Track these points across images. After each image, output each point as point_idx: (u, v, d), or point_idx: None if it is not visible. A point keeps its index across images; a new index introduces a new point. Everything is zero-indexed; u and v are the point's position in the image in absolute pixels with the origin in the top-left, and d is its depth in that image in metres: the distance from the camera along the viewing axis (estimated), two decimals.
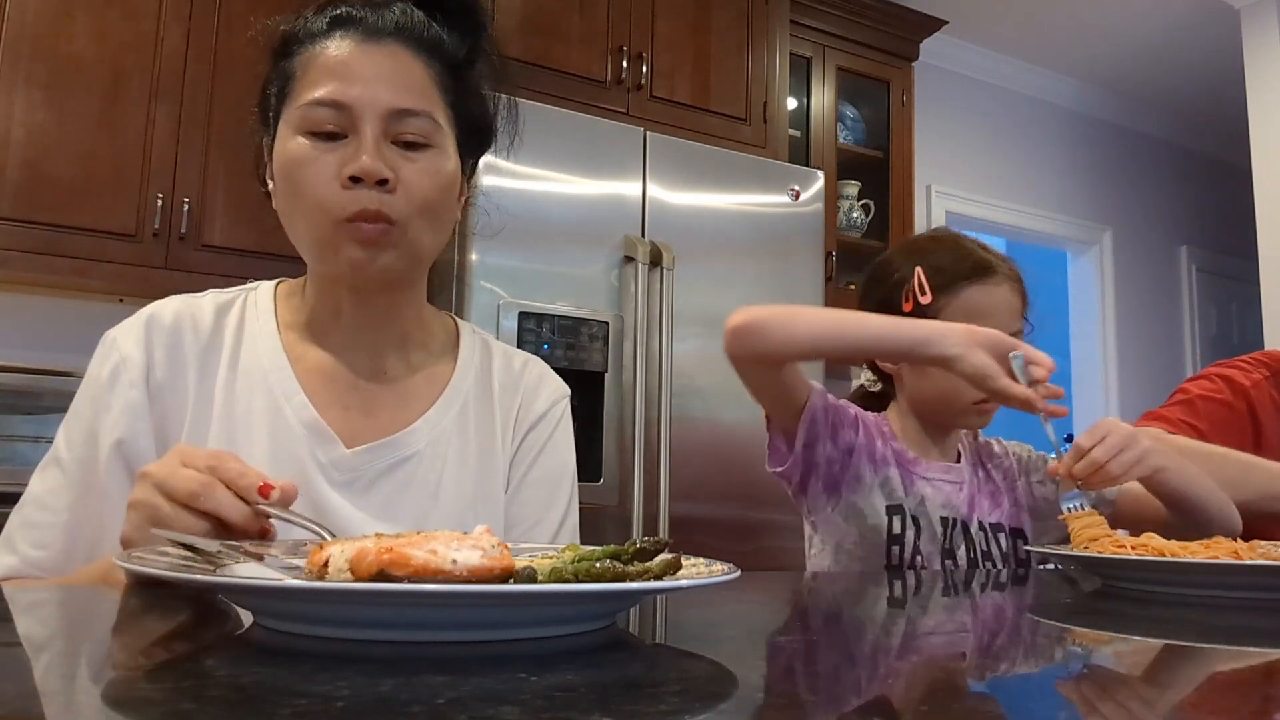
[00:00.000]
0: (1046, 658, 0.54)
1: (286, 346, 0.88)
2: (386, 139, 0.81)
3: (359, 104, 0.80)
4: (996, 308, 1.22)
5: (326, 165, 0.80)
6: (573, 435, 1.01)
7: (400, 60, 0.83)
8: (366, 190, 0.79)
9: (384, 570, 0.43)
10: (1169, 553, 0.82)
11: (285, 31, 0.87)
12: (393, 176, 0.80)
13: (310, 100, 0.81)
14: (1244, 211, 3.70)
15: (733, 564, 0.54)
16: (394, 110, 0.81)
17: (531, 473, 0.95)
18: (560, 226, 2.38)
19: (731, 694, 0.38)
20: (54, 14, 2.32)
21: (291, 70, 0.84)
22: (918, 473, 1.25)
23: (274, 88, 0.86)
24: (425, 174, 0.82)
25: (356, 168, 0.78)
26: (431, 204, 0.83)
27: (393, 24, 0.84)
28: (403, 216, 0.81)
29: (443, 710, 0.32)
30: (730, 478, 2.51)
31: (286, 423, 0.84)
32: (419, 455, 0.87)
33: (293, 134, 0.81)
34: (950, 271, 1.26)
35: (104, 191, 2.32)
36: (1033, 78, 4.53)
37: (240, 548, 0.59)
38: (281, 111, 0.84)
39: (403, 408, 0.89)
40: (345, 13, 0.85)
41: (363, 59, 0.82)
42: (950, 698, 0.42)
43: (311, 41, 0.84)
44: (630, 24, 2.85)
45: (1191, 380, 1.62)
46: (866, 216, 3.60)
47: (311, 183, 0.80)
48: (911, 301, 1.26)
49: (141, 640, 0.51)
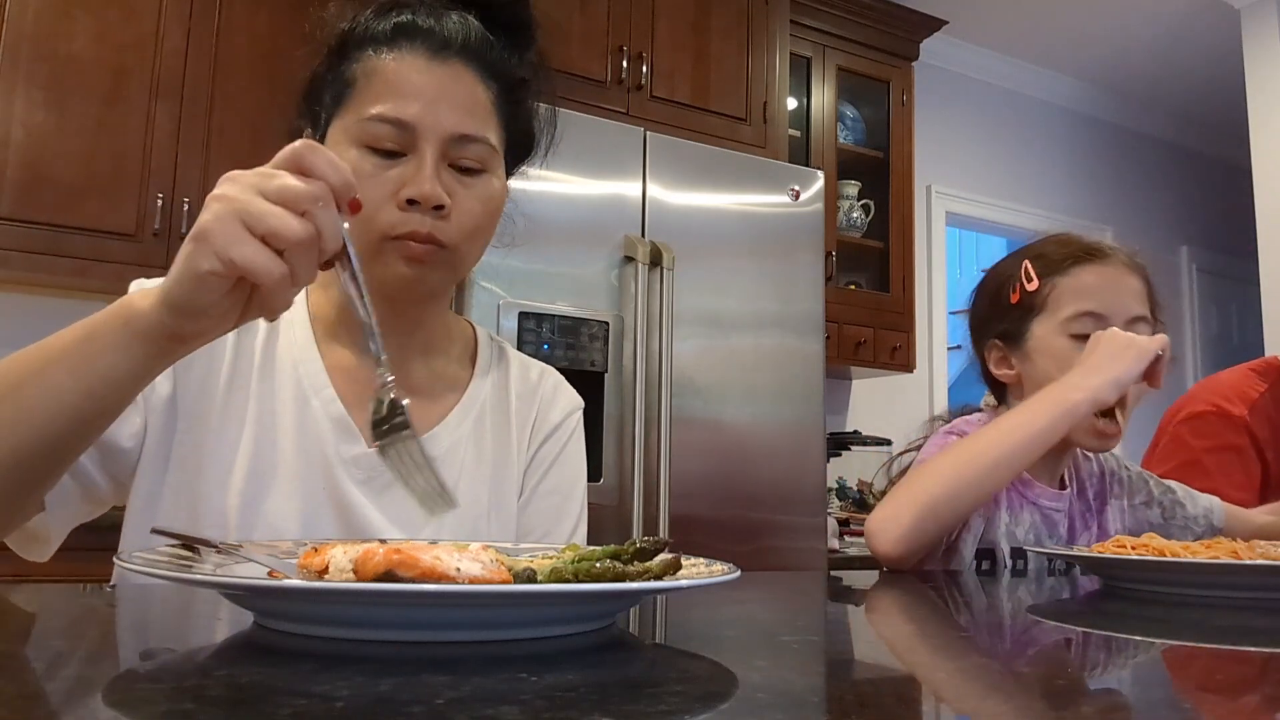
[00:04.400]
0: (1045, 658, 0.54)
1: (318, 339, 0.88)
2: (444, 162, 0.82)
3: (422, 125, 0.80)
4: (1107, 286, 1.16)
5: (384, 184, 0.80)
6: (584, 447, 1.02)
7: (464, 82, 0.84)
8: (420, 215, 0.79)
9: (391, 571, 0.43)
10: (1169, 553, 0.82)
11: (345, 30, 0.86)
12: (449, 203, 0.80)
13: (373, 115, 0.80)
14: (1244, 211, 3.70)
15: (733, 564, 0.54)
16: (456, 135, 0.82)
17: (544, 483, 0.96)
18: (560, 226, 2.38)
19: (731, 694, 0.38)
20: (54, 14, 2.31)
21: (351, 76, 0.83)
22: (1029, 497, 1.18)
23: (330, 90, 0.85)
24: (478, 200, 0.84)
25: (416, 192, 0.79)
26: (481, 230, 0.85)
27: (457, 39, 0.84)
28: (453, 242, 0.82)
29: (443, 710, 0.32)
30: (730, 478, 2.51)
31: (314, 415, 0.84)
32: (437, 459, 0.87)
33: (350, 145, 0.81)
34: (1057, 256, 1.20)
35: (104, 191, 2.32)
36: (1033, 78, 4.53)
37: (241, 548, 0.59)
38: (335, 117, 0.84)
39: (422, 413, 0.89)
40: (410, 21, 0.84)
41: (427, 77, 0.82)
42: (949, 697, 0.42)
43: (374, 48, 0.84)
44: (630, 24, 2.85)
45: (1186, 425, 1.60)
46: (866, 216, 3.60)
47: (367, 198, 0.78)
48: (1018, 291, 1.21)
49: (141, 640, 0.51)
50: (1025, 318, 1.20)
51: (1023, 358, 1.21)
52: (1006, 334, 1.23)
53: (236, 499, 0.80)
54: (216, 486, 0.80)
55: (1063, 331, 1.16)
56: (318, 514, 0.82)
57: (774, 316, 2.65)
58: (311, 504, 0.82)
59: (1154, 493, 1.29)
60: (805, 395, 2.66)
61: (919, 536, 0.98)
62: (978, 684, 0.45)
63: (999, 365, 1.25)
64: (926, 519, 0.98)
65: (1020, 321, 1.21)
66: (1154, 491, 1.30)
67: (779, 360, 2.64)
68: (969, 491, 1.01)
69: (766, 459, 2.56)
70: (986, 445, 1.02)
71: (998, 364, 1.25)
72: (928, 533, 0.99)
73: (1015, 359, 1.22)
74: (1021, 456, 1.02)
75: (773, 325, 2.65)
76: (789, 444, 2.60)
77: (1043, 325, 1.18)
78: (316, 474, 0.83)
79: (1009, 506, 1.16)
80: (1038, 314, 1.19)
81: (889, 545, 0.98)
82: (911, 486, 1.02)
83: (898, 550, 0.98)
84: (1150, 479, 1.31)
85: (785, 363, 2.65)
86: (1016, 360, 1.22)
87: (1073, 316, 1.15)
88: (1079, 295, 1.15)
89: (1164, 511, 1.28)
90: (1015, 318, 1.21)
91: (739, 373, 2.57)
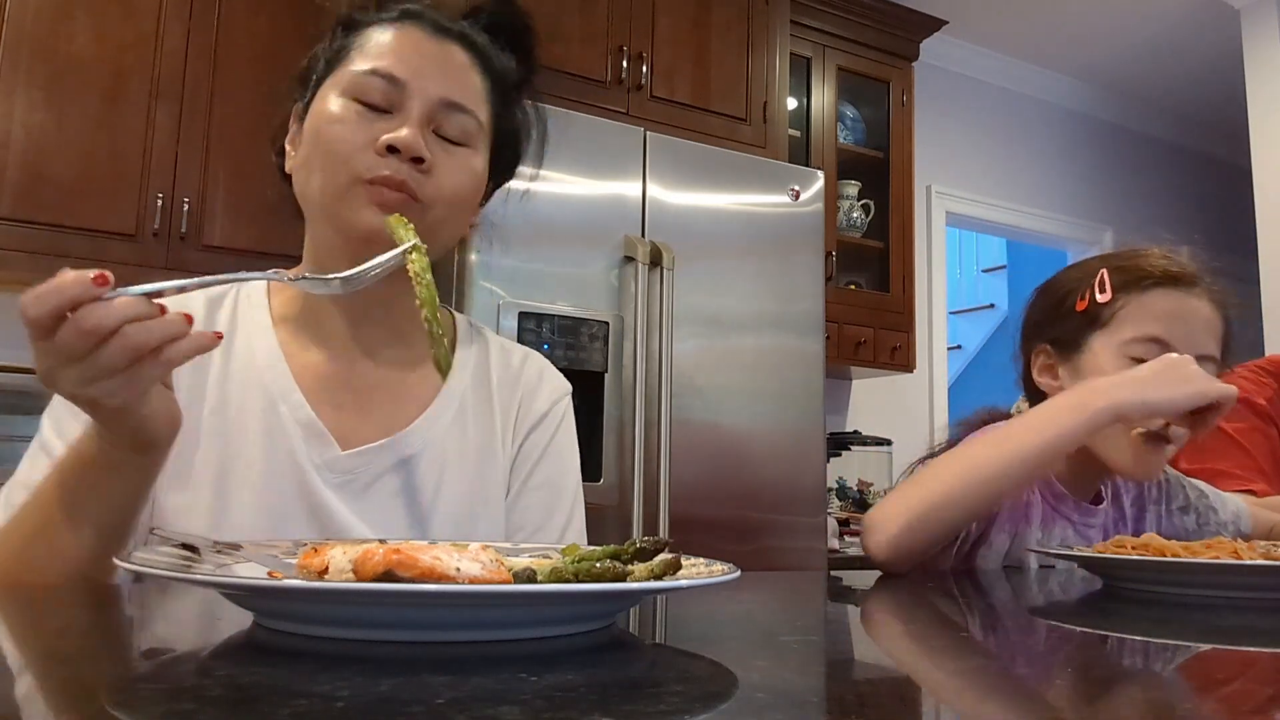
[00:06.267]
0: (1045, 658, 0.54)
1: (281, 343, 0.86)
2: (429, 126, 0.81)
3: (413, 82, 0.80)
4: (1182, 317, 1.06)
5: (364, 130, 0.79)
6: (575, 434, 0.98)
7: (459, 61, 0.85)
8: (399, 162, 0.78)
9: (390, 571, 0.43)
10: (1169, 553, 0.82)
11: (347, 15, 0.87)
12: (429, 158, 0.79)
13: (364, 70, 0.81)
14: (1244, 211, 3.70)
15: (733, 564, 0.54)
16: (445, 101, 0.82)
17: (534, 477, 0.93)
18: (560, 226, 2.38)
19: (731, 694, 0.38)
20: (54, 14, 2.31)
21: (350, 44, 0.84)
22: (1062, 512, 1.13)
23: (324, 59, 0.86)
24: (460, 168, 0.83)
25: (396, 139, 0.77)
26: (460, 197, 0.83)
27: (459, 27, 0.86)
28: (428, 198, 0.80)
29: (443, 710, 0.32)
30: (730, 478, 2.51)
31: (282, 422, 0.82)
32: (416, 457, 0.85)
33: (337, 95, 0.81)
34: (1139, 272, 1.10)
35: (104, 191, 2.32)
36: (1033, 78, 4.53)
37: (241, 548, 0.59)
38: (326, 79, 0.84)
39: (399, 406, 0.87)
40: (415, 8, 0.86)
41: (425, 46, 0.83)
42: (949, 697, 0.42)
43: (379, 24, 0.85)
44: (630, 24, 2.85)
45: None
46: (866, 216, 3.60)
47: (343, 140, 0.79)
48: (1087, 300, 1.11)
49: (141, 640, 0.51)
50: (1086, 329, 1.11)
51: (1072, 370, 1.13)
52: (1060, 341, 1.14)
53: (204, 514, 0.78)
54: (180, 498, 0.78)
55: (1122, 353, 1.07)
56: (289, 522, 0.79)
57: (774, 317, 2.65)
58: (282, 512, 0.79)
59: (1190, 497, 1.24)
60: (805, 395, 2.66)
61: (909, 544, 0.94)
62: (978, 684, 0.45)
63: (1043, 373, 1.16)
64: (916, 527, 0.93)
65: (1080, 331, 1.12)
66: (1190, 496, 1.24)
67: (779, 360, 2.64)
68: (965, 500, 0.94)
69: (766, 459, 2.56)
70: (991, 453, 0.94)
71: (1042, 371, 1.16)
72: (918, 541, 0.94)
73: (1063, 370, 1.14)
74: (1028, 466, 0.93)
75: (773, 325, 2.64)
76: (789, 444, 2.60)
77: (1102, 341, 1.09)
78: (287, 481, 0.80)
79: (1043, 522, 1.11)
80: (1100, 328, 1.10)
81: (878, 549, 0.95)
82: (908, 490, 0.97)
83: (886, 555, 0.95)
84: (1185, 483, 1.26)
85: (785, 363, 2.65)
86: (1064, 372, 1.14)
87: (1136, 339, 1.06)
88: (1149, 319, 1.06)
89: (1199, 517, 1.23)
90: (1075, 326, 1.12)
91: (739, 373, 2.57)
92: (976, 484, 0.93)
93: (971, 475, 0.94)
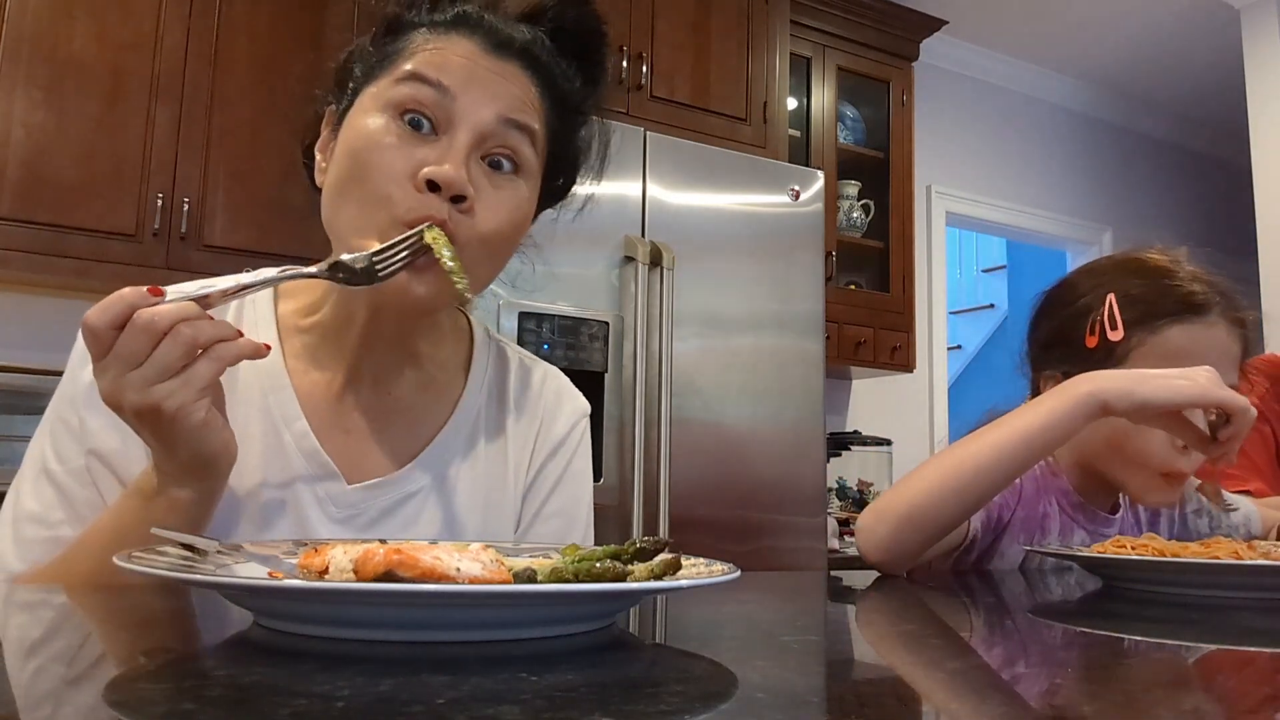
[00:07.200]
0: (1045, 658, 0.54)
1: (287, 359, 0.80)
2: (477, 153, 0.73)
3: (462, 98, 0.72)
4: (1200, 353, 1.00)
5: (404, 157, 0.71)
6: (590, 453, 0.93)
7: (518, 81, 0.76)
8: (440, 200, 0.70)
9: (391, 571, 0.43)
10: (1169, 553, 0.82)
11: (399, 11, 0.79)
12: (472, 195, 0.71)
13: (409, 72, 0.73)
14: (1244, 211, 3.70)
15: (733, 564, 0.54)
16: (499, 119, 0.74)
17: (548, 506, 0.88)
18: (560, 226, 2.38)
19: (731, 694, 0.38)
20: (54, 14, 2.32)
21: (396, 49, 0.76)
22: (1079, 520, 1.11)
23: (368, 60, 0.78)
24: (504, 204, 0.75)
25: (438, 174, 0.69)
26: (500, 238, 0.75)
27: (519, 42, 0.77)
28: (464, 239, 0.71)
29: (443, 710, 0.32)
30: (730, 478, 2.51)
31: (284, 449, 0.77)
32: (423, 492, 0.81)
33: (379, 110, 0.73)
34: (1150, 304, 1.04)
35: (104, 191, 2.32)
36: (1033, 78, 4.53)
37: (241, 548, 0.59)
38: (367, 86, 0.75)
39: (409, 432, 0.82)
40: (474, 14, 0.77)
41: (481, 61, 0.74)
42: (949, 697, 0.42)
43: (429, 30, 0.76)
44: (630, 24, 2.85)
45: None
46: (866, 216, 3.60)
47: (382, 170, 0.70)
48: (1098, 335, 1.06)
49: (141, 640, 0.51)
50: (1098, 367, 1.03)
51: None
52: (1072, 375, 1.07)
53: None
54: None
55: None
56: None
57: (774, 316, 2.65)
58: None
59: (1203, 500, 1.22)
60: (805, 395, 2.66)
61: (899, 544, 0.92)
62: (978, 684, 0.45)
63: None
64: (905, 527, 0.91)
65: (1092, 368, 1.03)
66: (1203, 499, 1.23)
67: (779, 360, 2.64)
68: (953, 499, 0.91)
69: (766, 459, 2.56)
70: (974, 447, 0.92)
71: None
72: (909, 541, 0.92)
73: None
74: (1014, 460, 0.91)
75: (772, 325, 2.65)
76: (789, 444, 2.60)
77: None
78: (286, 514, 0.76)
79: (1060, 532, 1.10)
80: (1113, 367, 1.04)
81: (870, 551, 0.94)
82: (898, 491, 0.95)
83: (878, 557, 0.93)
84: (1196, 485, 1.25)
85: (785, 363, 2.65)
86: None
87: None
88: (1165, 359, 0.99)
89: (1211, 520, 1.22)
90: (1083, 360, 1.06)
91: (739, 373, 2.57)
92: (964, 478, 0.91)
93: (957, 470, 0.92)
